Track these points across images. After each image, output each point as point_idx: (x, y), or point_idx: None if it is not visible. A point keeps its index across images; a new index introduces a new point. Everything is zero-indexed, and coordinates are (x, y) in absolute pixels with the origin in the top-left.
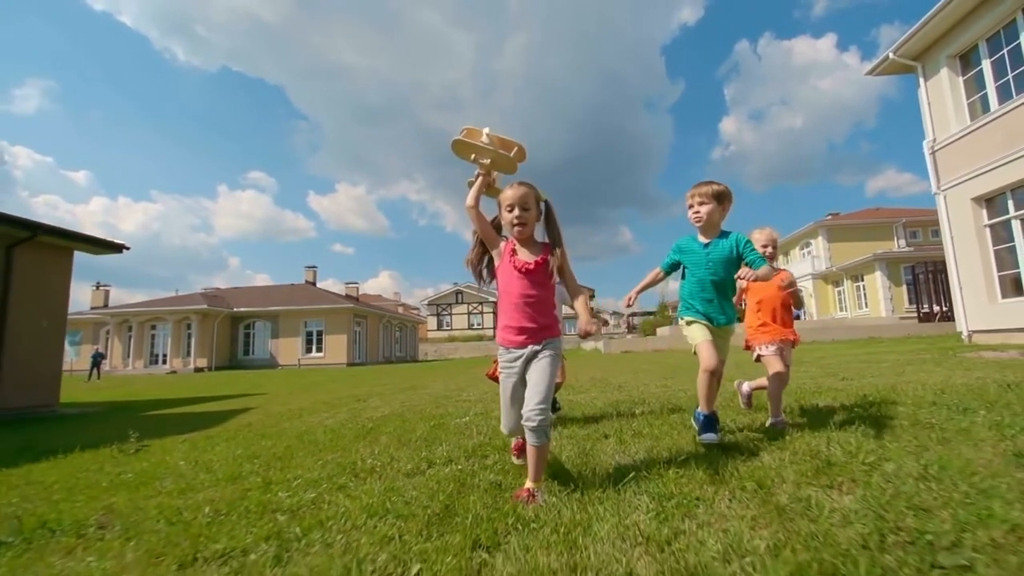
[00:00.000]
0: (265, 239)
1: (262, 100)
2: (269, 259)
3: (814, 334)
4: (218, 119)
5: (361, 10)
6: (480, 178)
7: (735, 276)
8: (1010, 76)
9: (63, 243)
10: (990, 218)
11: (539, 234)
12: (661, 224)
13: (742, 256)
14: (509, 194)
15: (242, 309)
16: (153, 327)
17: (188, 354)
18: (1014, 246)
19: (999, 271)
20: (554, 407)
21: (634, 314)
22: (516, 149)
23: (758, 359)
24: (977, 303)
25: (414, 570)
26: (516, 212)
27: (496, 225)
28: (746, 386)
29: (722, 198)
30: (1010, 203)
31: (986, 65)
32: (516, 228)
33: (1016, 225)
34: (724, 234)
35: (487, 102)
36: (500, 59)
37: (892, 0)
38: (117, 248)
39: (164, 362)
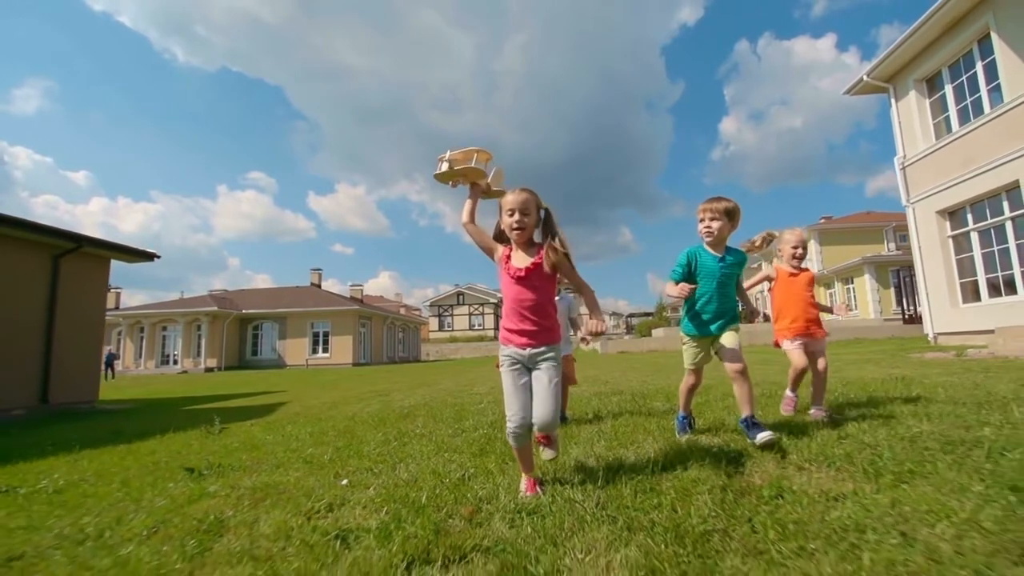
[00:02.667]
0: (265, 239)
1: (262, 100)
2: (269, 259)
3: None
4: (218, 119)
5: (361, 10)
6: (471, 191)
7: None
8: (968, 101)
9: (102, 253)
10: (953, 230)
11: (539, 238)
12: (661, 224)
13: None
14: (510, 199)
15: (250, 311)
16: (164, 328)
17: (199, 354)
18: (973, 256)
19: (960, 278)
20: (563, 418)
21: (632, 315)
22: (475, 155)
23: (780, 346)
24: (941, 307)
25: (471, 471)
26: (516, 217)
27: (500, 231)
28: (789, 393)
29: (732, 215)
30: (969, 216)
31: (948, 90)
32: (515, 232)
33: (974, 236)
34: (730, 249)
35: (487, 102)
36: (500, 59)
37: (892, 0)
38: (149, 257)
39: (175, 362)
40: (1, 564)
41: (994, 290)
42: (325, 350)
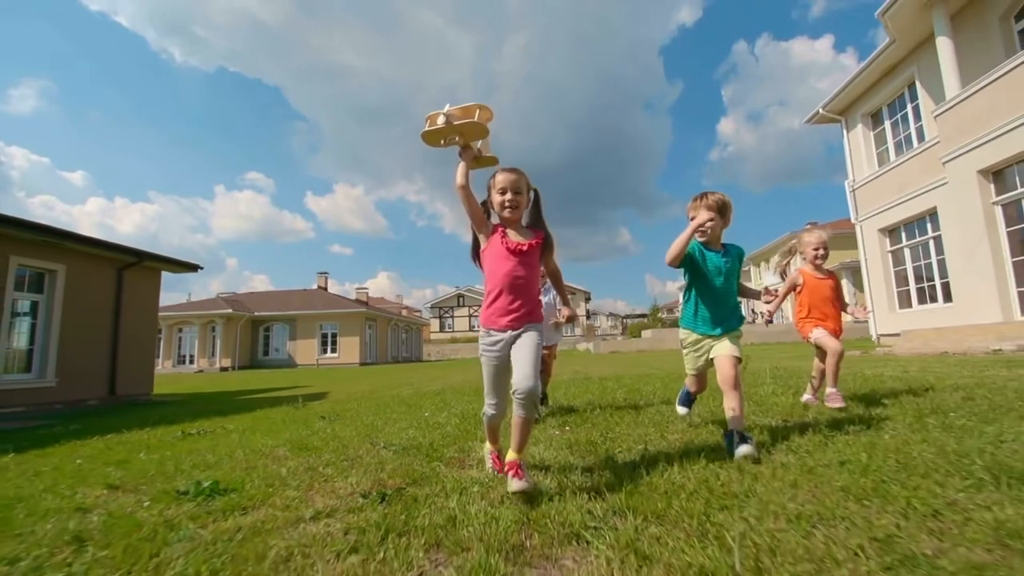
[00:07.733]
0: (263, 240)
1: (260, 101)
2: (267, 260)
3: (780, 335)
4: (216, 120)
5: (361, 11)
6: (462, 155)
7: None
8: (902, 136)
9: (155, 265)
10: (891, 246)
11: (527, 218)
12: (660, 224)
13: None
14: (501, 178)
15: (262, 313)
16: (180, 330)
17: (213, 355)
18: (906, 268)
19: (897, 288)
20: (543, 400)
21: (628, 316)
22: (477, 111)
23: (808, 339)
24: (883, 312)
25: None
26: (508, 195)
27: (485, 209)
28: (807, 397)
29: (724, 210)
30: (903, 235)
31: (887, 125)
32: (507, 210)
33: (907, 252)
34: (729, 245)
35: (486, 103)
36: (500, 60)
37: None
38: (193, 268)
39: (191, 362)
40: (300, 445)
41: (922, 298)
42: (334, 350)
